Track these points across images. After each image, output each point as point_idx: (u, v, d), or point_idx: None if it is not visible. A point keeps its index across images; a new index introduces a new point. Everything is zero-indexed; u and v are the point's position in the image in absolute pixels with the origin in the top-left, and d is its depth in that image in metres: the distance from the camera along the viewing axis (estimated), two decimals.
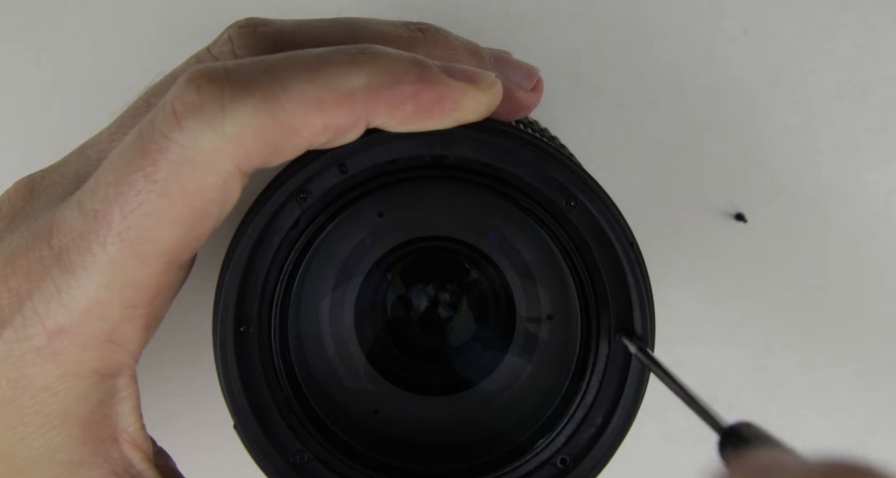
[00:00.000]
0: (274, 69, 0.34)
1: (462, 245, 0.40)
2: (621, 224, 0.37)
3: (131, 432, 0.38)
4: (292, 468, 0.39)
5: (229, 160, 0.34)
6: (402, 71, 0.35)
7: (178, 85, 0.34)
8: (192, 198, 0.34)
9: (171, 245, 0.35)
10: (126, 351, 0.37)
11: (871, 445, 0.52)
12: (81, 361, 0.36)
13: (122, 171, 0.34)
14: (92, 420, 0.37)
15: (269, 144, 0.34)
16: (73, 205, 0.35)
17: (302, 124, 0.34)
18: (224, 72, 0.34)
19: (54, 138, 0.50)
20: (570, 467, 0.38)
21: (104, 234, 0.34)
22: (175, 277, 0.36)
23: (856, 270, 0.52)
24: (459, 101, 0.35)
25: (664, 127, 0.51)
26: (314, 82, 0.34)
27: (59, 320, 0.35)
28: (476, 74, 0.36)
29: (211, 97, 0.33)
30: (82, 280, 0.34)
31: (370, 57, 0.35)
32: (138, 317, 0.36)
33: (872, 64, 0.51)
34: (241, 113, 0.33)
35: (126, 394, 0.38)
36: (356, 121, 0.34)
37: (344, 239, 0.39)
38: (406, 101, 0.34)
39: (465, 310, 0.43)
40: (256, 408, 0.39)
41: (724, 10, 0.50)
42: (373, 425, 0.41)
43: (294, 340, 0.40)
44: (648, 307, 0.38)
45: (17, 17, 0.50)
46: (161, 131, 0.33)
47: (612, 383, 0.38)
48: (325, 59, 0.34)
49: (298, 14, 0.49)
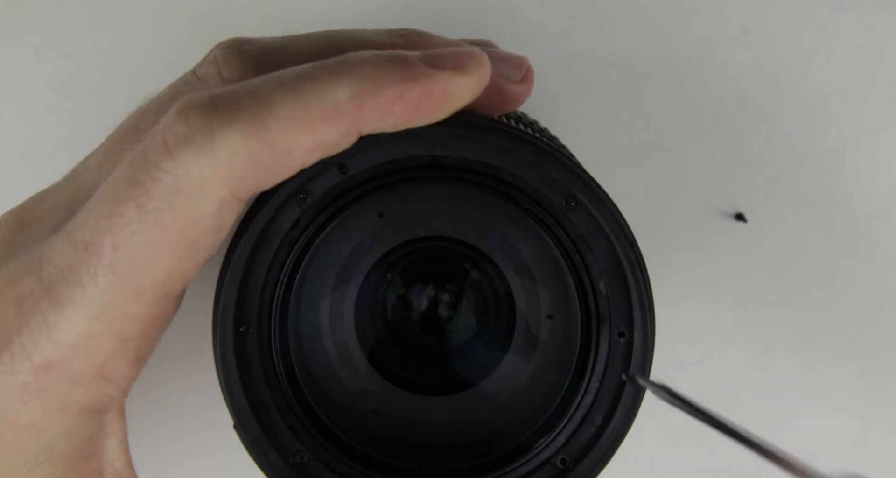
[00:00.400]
0: (258, 92, 0.34)
1: (462, 245, 0.40)
2: (621, 224, 0.37)
3: (117, 466, 0.38)
4: (292, 468, 0.39)
5: (222, 187, 0.33)
6: (384, 74, 0.34)
7: (168, 116, 0.34)
8: (186, 228, 0.34)
9: (164, 276, 0.34)
10: (116, 385, 0.36)
11: (872, 445, 0.52)
12: (70, 396, 0.35)
13: (114, 201, 0.34)
14: (78, 457, 0.37)
15: (262, 167, 0.34)
16: (63, 237, 0.35)
17: (292, 144, 0.33)
18: (210, 100, 0.34)
19: (54, 138, 0.50)
20: (570, 467, 0.38)
21: (94, 265, 0.34)
22: (168, 309, 0.36)
23: (856, 269, 0.52)
24: (447, 91, 0.35)
25: (664, 127, 0.51)
26: (298, 100, 0.34)
27: (47, 355, 0.34)
28: (461, 57, 0.36)
29: (200, 126, 0.33)
30: (71, 314, 0.34)
31: (351, 66, 0.34)
32: (130, 350, 0.36)
33: (872, 64, 0.51)
34: (230, 139, 0.33)
35: (114, 429, 0.37)
36: (346, 133, 0.34)
37: (344, 239, 0.39)
38: (393, 104, 0.34)
39: (465, 310, 0.43)
40: (256, 408, 0.39)
41: (724, 10, 0.50)
42: (373, 425, 0.41)
43: (294, 340, 0.40)
44: (648, 307, 0.38)
45: (17, 17, 0.50)
46: (152, 161, 0.33)
47: (611, 383, 0.38)
48: (307, 76, 0.34)
49: (296, 12, 0.49)
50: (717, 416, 0.33)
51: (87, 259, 0.34)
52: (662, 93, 0.51)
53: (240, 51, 0.39)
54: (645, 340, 0.38)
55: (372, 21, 0.50)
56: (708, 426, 0.33)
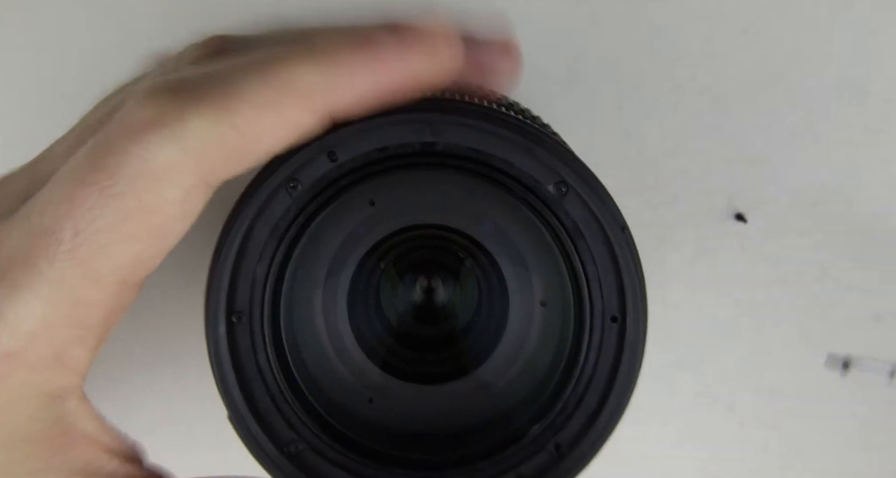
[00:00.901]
0: (228, 76, 0.34)
1: (454, 233, 0.40)
2: (611, 209, 0.37)
3: (90, 431, 0.37)
4: (287, 458, 0.39)
5: (191, 173, 0.33)
6: (356, 56, 0.34)
7: (135, 98, 0.33)
8: (151, 214, 0.33)
9: (126, 264, 0.34)
10: (75, 372, 0.35)
11: (872, 446, 0.52)
12: (30, 384, 0.34)
13: (75, 185, 0.33)
14: (44, 437, 0.36)
15: (231, 152, 0.33)
16: (19, 221, 0.34)
17: (263, 129, 0.33)
18: (179, 82, 0.33)
19: (54, 138, 0.50)
20: (564, 452, 0.38)
21: (53, 251, 0.33)
22: (129, 297, 0.35)
23: (855, 269, 0.51)
24: (420, 72, 0.35)
25: (664, 127, 0.51)
26: (269, 84, 0.33)
27: (5, 343, 0.33)
28: (434, 37, 0.36)
29: (169, 110, 0.32)
30: (30, 301, 0.33)
31: (322, 49, 0.34)
32: (88, 338, 0.35)
33: (872, 64, 0.51)
34: (199, 123, 0.32)
35: (78, 410, 0.36)
36: (319, 116, 0.34)
37: (335, 228, 0.39)
38: (366, 86, 0.34)
39: (458, 298, 0.43)
40: (250, 399, 0.38)
41: (724, 10, 0.51)
42: (368, 415, 0.41)
43: (287, 330, 0.40)
44: (640, 292, 0.37)
45: (18, 16, 0.50)
46: (117, 145, 0.32)
47: (605, 369, 0.38)
48: (277, 60, 0.34)
49: (296, 13, 0.49)
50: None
51: (45, 244, 0.33)
52: (662, 93, 0.51)
53: (213, 44, 0.39)
54: (637, 324, 0.38)
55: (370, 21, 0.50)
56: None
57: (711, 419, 0.52)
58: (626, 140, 0.51)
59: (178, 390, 0.51)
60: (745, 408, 0.52)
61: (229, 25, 0.41)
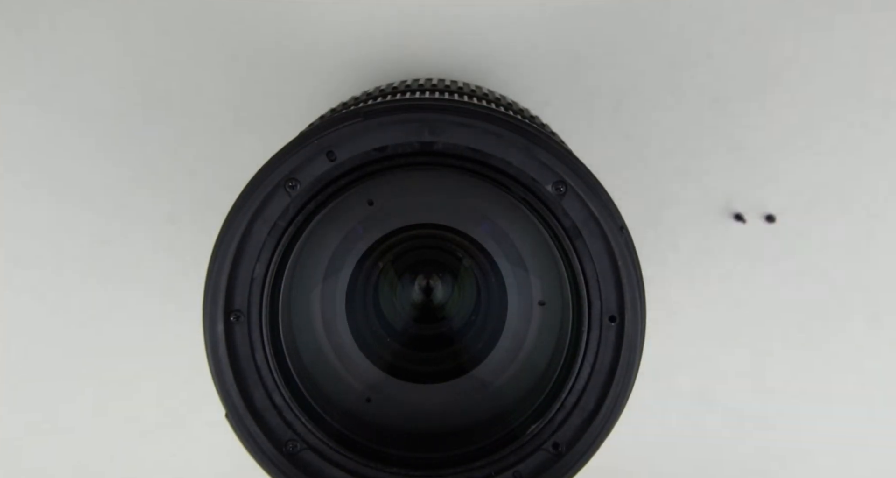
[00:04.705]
0: None
1: (453, 232, 0.40)
2: (610, 208, 0.37)
3: None
4: (286, 458, 0.39)
5: None
6: None
7: None
8: None
9: None
10: None
11: (872, 446, 0.52)
12: None
13: None
14: None
15: None
16: None
17: None
18: None
19: (54, 138, 0.50)
20: (562, 451, 0.38)
21: None
22: None
23: (855, 270, 0.51)
24: None
25: (664, 127, 0.51)
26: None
27: None
28: None
29: None
30: None
31: None
32: None
33: (872, 64, 0.51)
34: None
35: None
36: None
37: (334, 227, 0.39)
38: None
39: (456, 297, 0.43)
40: (248, 398, 0.38)
41: (724, 10, 0.50)
42: (366, 414, 0.41)
43: (285, 329, 0.40)
44: (639, 291, 0.37)
45: (18, 17, 0.50)
46: None
47: (603, 368, 0.38)
48: None
49: (297, 12, 0.49)
50: None
51: None
52: (662, 93, 0.51)
53: None
54: (635, 323, 0.38)
55: (369, 23, 0.50)
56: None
57: (711, 419, 0.52)
58: (626, 140, 0.51)
59: (176, 389, 0.51)
60: (745, 408, 0.52)
61: (229, 27, 0.41)
